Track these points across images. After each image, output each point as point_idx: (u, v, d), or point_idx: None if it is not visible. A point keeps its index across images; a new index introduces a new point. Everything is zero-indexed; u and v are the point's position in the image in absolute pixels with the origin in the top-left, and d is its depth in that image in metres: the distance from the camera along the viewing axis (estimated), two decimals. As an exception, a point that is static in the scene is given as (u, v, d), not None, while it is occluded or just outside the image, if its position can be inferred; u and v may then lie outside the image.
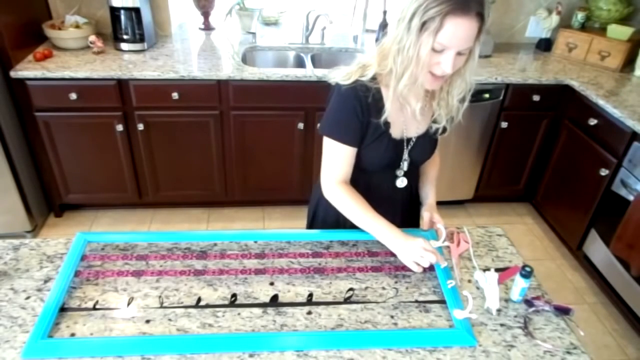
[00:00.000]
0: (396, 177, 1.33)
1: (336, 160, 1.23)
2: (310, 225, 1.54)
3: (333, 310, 1.09)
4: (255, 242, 1.28)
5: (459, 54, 1.05)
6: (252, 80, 2.38)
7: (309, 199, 1.52)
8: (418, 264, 1.13)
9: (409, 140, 1.27)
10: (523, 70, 2.68)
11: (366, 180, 1.32)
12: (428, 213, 1.34)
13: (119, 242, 1.25)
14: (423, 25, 1.01)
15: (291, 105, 2.49)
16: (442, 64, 1.06)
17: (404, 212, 1.42)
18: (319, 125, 1.24)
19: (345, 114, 1.19)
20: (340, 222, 1.43)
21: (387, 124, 1.21)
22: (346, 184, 1.25)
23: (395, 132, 1.25)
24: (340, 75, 1.18)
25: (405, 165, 1.30)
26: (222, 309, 1.07)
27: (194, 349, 0.97)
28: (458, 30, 1.00)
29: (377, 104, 1.17)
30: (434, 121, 1.27)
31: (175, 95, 2.37)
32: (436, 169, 1.46)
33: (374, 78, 1.17)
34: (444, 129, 1.29)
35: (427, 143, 1.31)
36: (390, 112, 1.18)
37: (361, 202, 1.22)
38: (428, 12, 0.99)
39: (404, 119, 1.24)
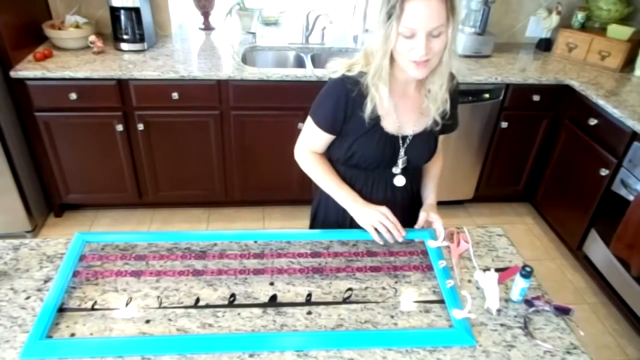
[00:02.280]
0: (393, 175, 1.33)
1: (312, 138, 1.32)
2: (311, 225, 1.55)
3: (333, 310, 1.09)
4: (255, 242, 1.28)
5: (432, 35, 1.07)
6: (252, 80, 2.38)
7: (310, 198, 1.52)
8: (377, 231, 1.22)
9: (405, 137, 1.27)
10: (523, 70, 2.68)
11: (364, 178, 1.33)
12: (425, 212, 1.33)
13: (117, 242, 1.25)
14: (388, 15, 1.07)
15: (291, 105, 2.49)
16: (416, 48, 1.08)
17: (404, 212, 1.41)
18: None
19: (328, 103, 1.25)
20: (340, 222, 1.43)
21: (376, 118, 1.23)
22: (315, 153, 1.35)
23: (389, 127, 1.25)
24: (330, 68, 1.25)
25: (401, 163, 1.30)
26: (222, 309, 1.07)
27: (194, 349, 0.97)
28: (419, 11, 1.04)
29: (364, 98, 1.19)
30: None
31: (175, 95, 2.37)
32: (438, 169, 1.46)
33: (362, 74, 1.19)
34: (437, 123, 1.27)
35: (425, 142, 1.31)
36: (378, 106, 1.20)
37: (327, 168, 1.33)
38: (390, 2, 1.06)
39: (397, 114, 1.25)
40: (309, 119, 1.30)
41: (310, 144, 1.34)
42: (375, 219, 1.22)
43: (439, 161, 1.46)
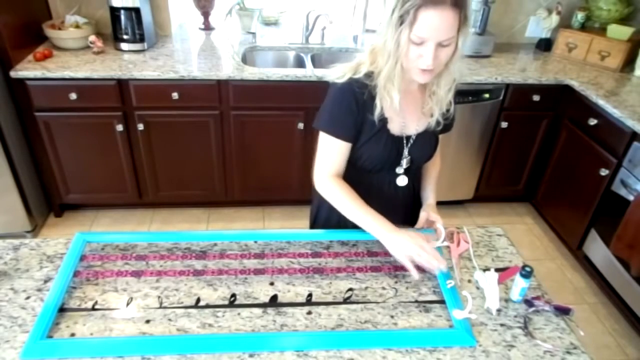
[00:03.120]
0: (397, 175, 1.33)
1: (330, 154, 1.25)
2: (312, 226, 1.55)
3: (333, 310, 1.08)
4: (255, 242, 1.28)
5: (441, 45, 1.06)
6: (252, 80, 2.38)
7: (310, 198, 1.52)
8: (414, 263, 1.12)
9: (408, 137, 1.28)
10: (523, 70, 2.68)
11: (368, 179, 1.33)
12: (425, 213, 1.34)
13: (118, 242, 1.25)
14: (400, 19, 1.05)
15: (291, 105, 2.49)
16: (424, 57, 1.07)
17: (405, 212, 1.42)
18: (315, 120, 1.26)
19: (340, 109, 1.21)
20: (341, 223, 1.43)
21: (384, 120, 1.22)
22: (339, 178, 1.26)
23: (394, 129, 1.25)
24: (335, 74, 1.21)
25: (405, 163, 1.30)
26: (222, 309, 1.07)
27: (194, 349, 0.97)
28: (432, 21, 1.02)
29: (373, 100, 1.19)
30: (431, 115, 1.27)
31: (175, 95, 2.37)
32: (437, 169, 1.46)
33: (369, 76, 1.18)
34: (439, 123, 1.28)
35: (427, 141, 1.31)
36: (386, 107, 1.20)
37: (353, 196, 1.22)
38: (404, 6, 1.03)
39: (402, 115, 1.24)
40: (322, 136, 1.24)
41: (331, 164, 1.26)
42: (413, 252, 1.11)
43: (437, 162, 1.46)
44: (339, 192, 1.23)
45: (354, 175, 1.33)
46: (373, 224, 1.18)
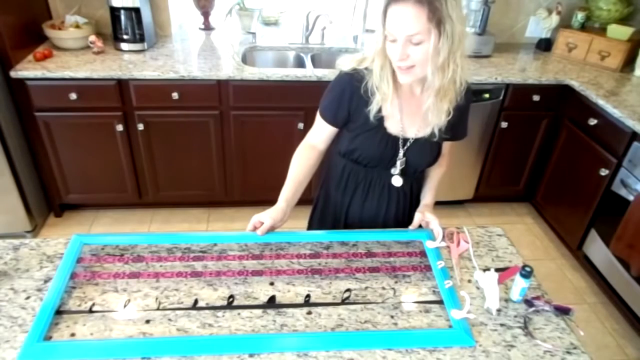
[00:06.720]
0: (392, 175, 1.33)
1: (316, 128, 1.35)
2: (310, 221, 1.56)
3: (333, 310, 1.09)
4: (255, 242, 1.28)
5: (412, 43, 1.08)
6: (252, 80, 2.38)
7: (310, 198, 1.53)
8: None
9: (406, 140, 1.27)
10: (523, 70, 2.68)
11: (363, 174, 1.34)
12: (419, 213, 1.32)
13: (115, 244, 1.25)
14: (382, 18, 1.10)
15: (291, 105, 2.49)
16: (395, 52, 1.10)
17: (398, 212, 1.41)
18: None
19: (332, 96, 1.27)
20: (337, 218, 1.44)
21: (380, 118, 1.23)
22: (312, 148, 1.36)
23: (392, 128, 1.25)
24: (342, 63, 1.27)
25: (399, 164, 1.30)
26: (222, 310, 1.07)
27: (194, 350, 0.96)
28: (397, 16, 1.06)
29: (369, 96, 1.21)
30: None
31: (175, 95, 2.37)
32: (440, 172, 1.44)
33: (369, 71, 1.20)
34: (440, 132, 1.26)
35: (427, 147, 1.29)
36: (384, 105, 1.21)
37: (300, 163, 1.33)
38: (384, 4, 1.09)
39: (401, 115, 1.24)
40: (318, 113, 1.34)
41: (313, 135, 1.36)
42: (254, 219, 1.26)
43: (443, 164, 1.44)
44: (296, 155, 1.35)
45: (350, 168, 1.34)
46: (281, 192, 1.31)
